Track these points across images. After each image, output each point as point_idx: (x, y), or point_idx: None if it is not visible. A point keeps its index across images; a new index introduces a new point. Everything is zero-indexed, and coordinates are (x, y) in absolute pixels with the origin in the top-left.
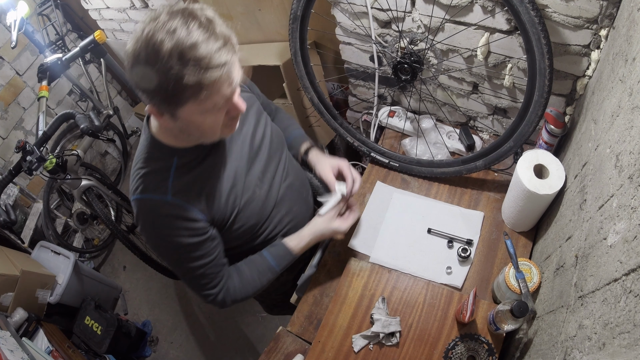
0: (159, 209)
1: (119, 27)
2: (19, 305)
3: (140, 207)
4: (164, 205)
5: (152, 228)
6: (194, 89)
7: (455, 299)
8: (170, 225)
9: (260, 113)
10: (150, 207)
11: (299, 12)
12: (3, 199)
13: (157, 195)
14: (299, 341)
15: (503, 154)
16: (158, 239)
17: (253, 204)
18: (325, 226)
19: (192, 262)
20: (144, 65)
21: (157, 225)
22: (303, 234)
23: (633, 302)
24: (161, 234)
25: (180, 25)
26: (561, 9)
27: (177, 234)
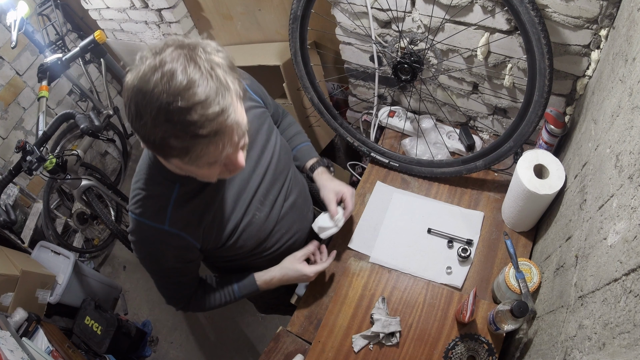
0: (154, 236)
1: (119, 27)
2: (19, 305)
3: (135, 227)
4: (160, 233)
5: (143, 248)
6: (180, 151)
7: (455, 299)
8: (162, 251)
9: (271, 131)
10: (146, 232)
11: (299, 12)
12: (3, 199)
13: (155, 223)
14: (299, 341)
15: (503, 154)
16: (146, 258)
17: (251, 227)
18: (292, 267)
19: (170, 278)
20: (135, 108)
21: (149, 249)
22: (272, 273)
23: (633, 302)
24: (150, 255)
25: (180, 73)
26: (561, 9)
27: (166, 259)
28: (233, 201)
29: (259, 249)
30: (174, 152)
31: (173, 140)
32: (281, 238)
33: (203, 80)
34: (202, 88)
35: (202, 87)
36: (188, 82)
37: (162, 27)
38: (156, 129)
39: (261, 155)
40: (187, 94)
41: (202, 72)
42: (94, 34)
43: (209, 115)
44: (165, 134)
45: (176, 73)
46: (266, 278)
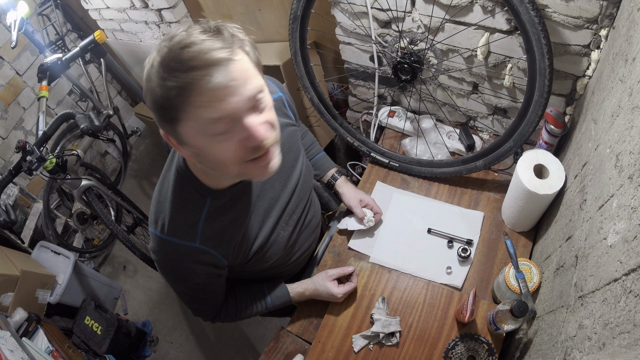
0: (185, 254)
1: (119, 27)
2: (19, 305)
3: (162, 247)
4: (191, 252)
5: (172, 268)
6: (181, 95)
7: (455, 299)
8: (191, 269)
9: (299, 150)
10: (175, 251)
11: (299, 12)
12: (3, 199)
13: (185, 241)
14: (299, 341)
15: (503, 154)
16: (174, 276)
17: (275, 246)
18: (324, 286)
19: (198, 293)
20: (145, 80)
21: (178, 268)
22: (305, 286)
23: (633, 302)
24: (179, 274)
25: (180, 32)
26: (561, 9)
27: (196, 275)
28: (262, 218)
29: (277, 265)
30: (177, 101)
31: (170, 80)
32: (295, 254)
33: (205, 30)
34: (202, 33)
35: (203, 32)
36: (188, 32)
37: (162, 27)
38: (154, 79)
39: (290, 175)
40: (184, 39)
41: (208, 27)
42: (94, 34)
43: (208, 46)
44: (163, 78)
45: (178, 33)
46: (299, 290)
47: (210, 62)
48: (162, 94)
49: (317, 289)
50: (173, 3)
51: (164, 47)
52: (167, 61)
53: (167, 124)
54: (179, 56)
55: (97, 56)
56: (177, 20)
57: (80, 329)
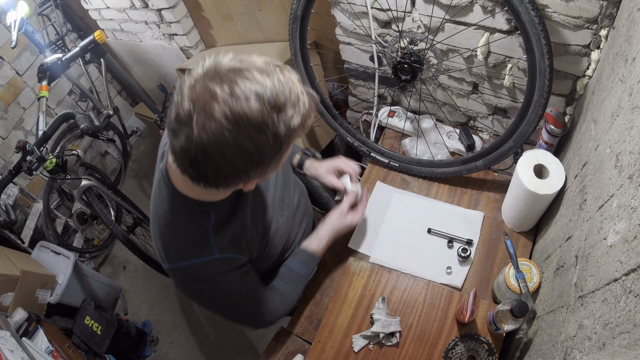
0: (210, 269)
1: (119, 27)
2: (19, 305)
3: (187, 274)
4: (215, 264)
5: (207, 290)
6: (301, 125)
7: (455, 299)
8: (224, 280)
9: None
10: (201, 271)
11: (299, 12)
12: (3, 199)
13: (205, 258)
14: (299, 341)
15: (503, 154)
16: (214, 299)
17: (278, 233)
18: (341, 223)
19: (246, 302)
20: (246, 143)
21: (211, 287)
22: (321, 235)
23: (633, 302)
24: (217, 292)
25: (241, 81)
26: (561, 9)
27: (231, 285)
28: (262, 211)
29: (283, 252)
30: (294, 137)
31: (293, 119)
32: (297, 236)
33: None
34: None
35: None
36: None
37: (162, 27)
38: (278, 127)
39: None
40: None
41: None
42: (94, 34)
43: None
44: (287, 123)
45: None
46: (317, 243)
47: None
48: (286, 134)
49: (333, 230)
50: (173, 3)
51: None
52: (277, 105)
53: (278, 158)
54: (282, 99)
55: (97, 56)
56: (177, 20)
57: (80, 329)
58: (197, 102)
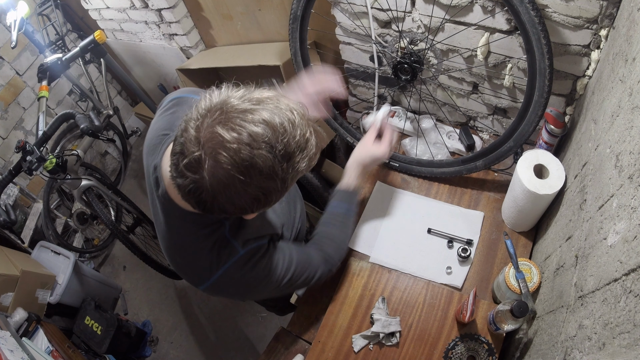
0: (241, 266)
1: (119, 27)
2: (19, 305)
3: (224, 283)
4: (243, 260)
5: (247, 284)
6: (308, 167)
7: (455, 299)
8: (257, 269)
9: None
10: (234, 273)
11: (299, 12)
12: (3, 199)
13: (233, 258)
14: (299, 341)
15: (503, 154)
16: (258, 288)
17: (287, 223)
18: (364, 152)
19: (289, 272)
20: (254, 191)
21: (250, 281)
22: (348, 170)
23: (633, 302)
24: (257, 282)
25: (250, 127)
26: (561, 9)
27: (266, 270)
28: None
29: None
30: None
31: (299, 165)
32: (296, 219)
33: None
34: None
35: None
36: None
37: (162, 27)
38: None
39: None
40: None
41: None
42: (94, 34)
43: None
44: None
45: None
46: (346, 179)
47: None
48: (293, 178)
49: (358, 160)
50: (173, 3)
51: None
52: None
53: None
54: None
55: (97, 56)
56: (177, 20)
57: (80, 329)
58: (205, 147)
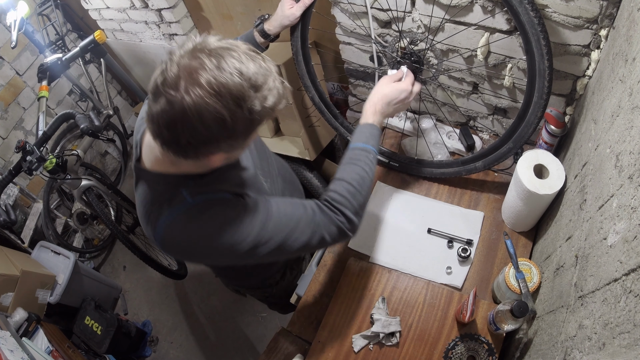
0: (195, 214)
1: (119, 27)
2: (19, 305)
3: (175, 230)
4: (194, 208)
5: (203, 235)
6: (273, 106)
7: (455, 299)
8: (214, 221)
9: None
10: (186, 219)
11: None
12: (3, 199)
13: (183, 205)
14: (299, 341)
15: (503, 155)
16: (215, 241)
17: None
18: (388, 85)
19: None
20: (223, 112)
21: (203, 232)
22: (365, 108)
23: (633, 302)
24: (215, 234)
25: (228, 61)
26: (561, 9)
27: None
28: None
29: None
30: (266, 116)
31: (269, 100)
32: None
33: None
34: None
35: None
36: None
37: (162, 27)
38: (254, 104)
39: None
40: (247, 66)
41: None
42: (94, 34)
43: (270, 66)
44: (261, 101)
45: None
46: (364, 113)
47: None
48: (261, 113)
49: (385, 95)
50: (173, 3)
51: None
52: (254, 84)
53: (241, 139)
54: (260, 79)
55: (97, 56)
56: (177, 20)
57: (80, 329)
58: (185, 69)
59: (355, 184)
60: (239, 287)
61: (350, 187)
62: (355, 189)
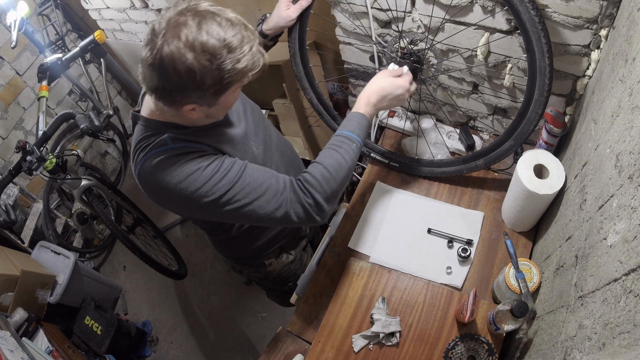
0: (171, 157)
1: (119, 27)
2: (19, 305)
3: (151, 169)
4: (172, 151)
5: (176, 179)
6: (244, 71)
7: (455, 299)
8: (188, 166)
9: None
10: (162, 160)
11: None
12: (3, 199)
13: (162, 147)
14: (299, 341)
15: (504, 152)
16: (186, 188)
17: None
18: (386, 78)
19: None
20: (194, 63)
21: (176, 176)
22: (369, 94)
23: (633, 302)
24: (187, 180)
25: (209, 23)
26: (561, 9)
27: (199, 173)
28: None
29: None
30: (239, 75)
31: (242, 63)
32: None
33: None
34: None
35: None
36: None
37: None
38: (224, 64)
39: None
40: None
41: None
42: (94, 34)
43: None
44: (233, 62)
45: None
46: (360, 105)
47: (254, 41)
48: (231, 72)
49: (382, 88)
50: (173, 3)
51: (211, 37)
52: (229, 46)
53: (213, 96)
54: (236, 43)
55: (97, 56)
56: None
57: (80, 329)
58: (170, 24)
59: (332, 169)
60: (234, 262)
61: (326, 172)
62: (331, 175)
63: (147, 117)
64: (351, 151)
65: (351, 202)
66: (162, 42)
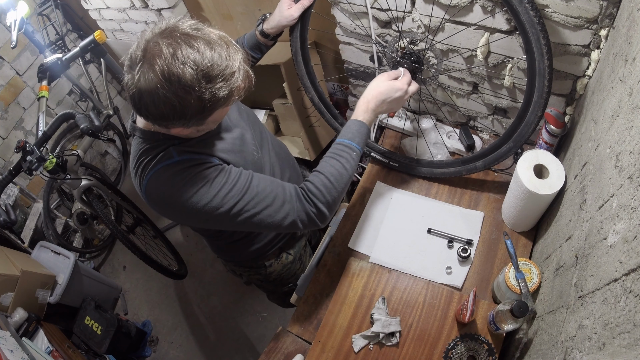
0: (178, 171)
1: (119, 27)
2: (19, 305)
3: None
4: (178, 164)
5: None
6: (227, 97)
7: (455, 299)
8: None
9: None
10: (168, 175)
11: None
12: (3, 199)
13: (167, 161)
14: (299, 341)
15: (503, 154)
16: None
17: (259, 165)
18: (384, 82)
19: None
20: (172, 98)
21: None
22: (368, 100)
23: (633, 302)
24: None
25: (184, 50)
26: (561, 9)
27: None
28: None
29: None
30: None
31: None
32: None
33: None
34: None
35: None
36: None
37: None
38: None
39: (239, 107)
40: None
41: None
42: (94, 34)
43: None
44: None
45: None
46: (359, 112)
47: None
48: (211, 100)
49: (380, 93)
50: (173, 3)
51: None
52: (207, 75)
53: (199, 119)
54: (216, 70)
55: (97, 56)
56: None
57: (80, 329)
58: (146, 54)
59: (333, 179)
60: (234, 265)
61: (327, 182)
62: (332, 184)
63: (143, 129)
64: (351, 160)
65: (351, 202)
66: (139, 74)
